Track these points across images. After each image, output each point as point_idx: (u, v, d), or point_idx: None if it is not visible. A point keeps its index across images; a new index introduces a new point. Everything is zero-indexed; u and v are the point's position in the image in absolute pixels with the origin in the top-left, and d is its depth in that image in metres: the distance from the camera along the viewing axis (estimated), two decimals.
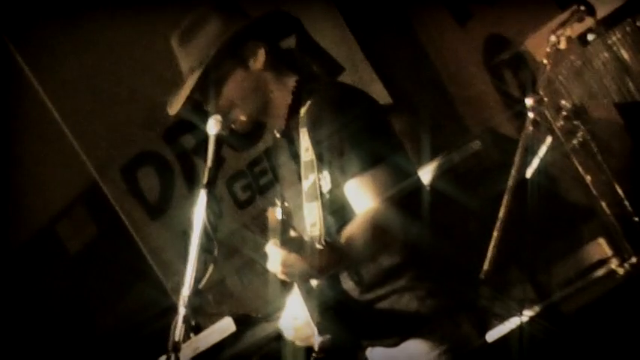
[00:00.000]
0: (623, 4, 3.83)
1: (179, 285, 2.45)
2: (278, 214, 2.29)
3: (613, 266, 3.79)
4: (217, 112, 2.61)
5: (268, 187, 4.94)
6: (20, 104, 5.12)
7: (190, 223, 2.49)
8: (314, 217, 2.38)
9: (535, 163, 3.82)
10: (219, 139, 2.56)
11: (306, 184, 2.47)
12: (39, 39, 4.92)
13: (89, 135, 5.13)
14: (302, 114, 2.59)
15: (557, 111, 3.77)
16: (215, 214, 2.54)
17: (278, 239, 2.31)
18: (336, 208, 2.53)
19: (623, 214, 3.72)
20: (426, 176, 3.86)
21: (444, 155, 3.96)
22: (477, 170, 4.00)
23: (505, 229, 3.54)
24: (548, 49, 3.57)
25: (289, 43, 2.78)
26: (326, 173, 2.53)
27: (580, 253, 3.89)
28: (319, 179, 2.44)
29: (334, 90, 2.67)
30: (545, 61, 3.61)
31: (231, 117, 2.65)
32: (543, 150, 3.85)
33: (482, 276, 3.50)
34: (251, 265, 4.94)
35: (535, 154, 3.85)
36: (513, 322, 3.73)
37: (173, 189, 5.10)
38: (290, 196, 2.68)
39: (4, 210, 5.30)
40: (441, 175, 3.85)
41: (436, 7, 4.74)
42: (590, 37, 3.79)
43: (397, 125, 2.73)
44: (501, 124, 4.56)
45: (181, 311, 2.40)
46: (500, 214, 3.57)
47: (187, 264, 2.44)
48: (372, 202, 2.45)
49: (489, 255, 3.54)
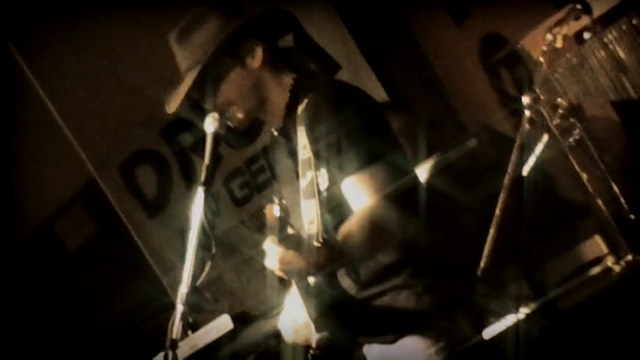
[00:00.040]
0: (619, 3, 3.83)
1: (177, 282, 2.45)
2: (276, 212, 2.30)
3: (609, 264, 3.78)
4: (215, 110, 2.62)
5: (266, 184, 4.93)
6: (19, 103, 5.12)
7: (188, 221, 2.49)
8: (311, 214, 2.38)
9: (531, 161, 3.81)
10: (217, 137, 2.57)
11: (303, 182, 2.46)
12: (38, 38, 4.92)
13: (87, 133, 5.13)
14: (299, 112, 2.60)
15: (554, 109, 3.76)
16: (213, 212, 2.55)
17: (276, 236, 2.31)
18: (334, 205, 2.54)
19: (619, 212, 3.71)
20: (422, 174, 3.86)
21: (440, 153, 3.96)
22: (474, 168, 4.01)
23: (501, 227, 3.55)
24: (545, 48, 3.57)
25: (287, 41, 2.79)
26: (323, 171, 2.53)
27: (576, 250, 3.90)
28: (317, 177, 2.43)
29: (332, 88, 2.68)
30: (541, 59, 3.61)
31: (229, 115, 2.66)
32: (540, 148, 3.85)
33: (479, 273, 3.51)
34: (249, 262, 4.94)
35: (531, 151, 3.86)
36: (510, 320, 3.74)
37: (171, 187, 5.10)
38: (287, 193, 2.68)
39: (3, 208, 5.30)
40: (438, 172, 3.86)
41: (433, 6, 4.74)
42: (586, 35, 3.79)
43: (394, 123, 2.73)
44: (498, 122, 4.56)
45: (179, 308, 2.41)
46: (497, 212, 3.58)
47: (185, 261, 2.44)
48: (369, 200, 2.45)
49: (486, 252, 3.54)
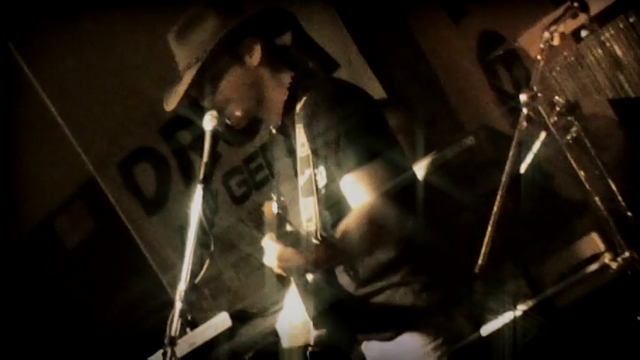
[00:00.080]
0: (616, 1, 3.84)
1: (176, 280, 2.46)
2: (274, 209, 2.31)
3: (606, 261, 3.79)
4: (213, 108, 2.62)
5: (264, 182, 4.93)
6: (19, 102, 5.13)
7: (187, 219, 2.50)
8: (310, 212, 2.38)
9: (529, 159, 3.82)
10: (216, 135, 2.58)
11: (302, 180, 2.46)
12: (38, 38, 4.93)
13: (87, 131, 5.14)
14: (298, 110, 2.60)
15: (551, 107, 3.76)
16: (211, 210, 2.55)
17: (274, 234, 2.32)
18: (332, 203, 2.54)
19: (617, 209, 3.72)
20: (420, 171, 3.87)
21: (438, 151, 3.97)
22: (471, 166, 4.01)
23: (499, 224, 3.55)
24: (542, 46, 3.57)
25: (285, 39, 2.80)
26: (322, 168, 2.53)
27: (573, 247, 3.90)
28: (315, 174, 2.44)
29: (330, 86, 2.69)
30: (538, 57, 3.62)
31: (228, 113, 2.66)
32: (537, 145, 3.85)
33: (477, 270, 3.52)
34: (247, 260, 4.94)
35: (529, 149, 3.86)
36: (507, 317, 3.75)
37: (170, 184, 5.10)
38: (286, 191, 2.69)
39: (3, 206, 5.31)
40: (436, 170, 3.86)
41: (431, 4, 4.74)
42: (583, 33, 3.78)
43: (392, 121, 2.74)
44: (495, 120, 4.56)
45: (178, 306, 2.41)
46: (494, 210, 3.59)
47: (184, 259, 2.45)
48: (367, 197, 2.46)
49: (483, 250, 3.55)
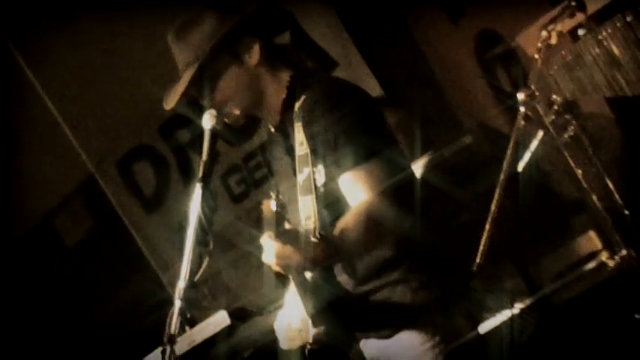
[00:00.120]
0: (613, 0, 3.85)
1: (175, 278, 2.46)
2: (273, 207, 2.32)
3: (603, 259, 3.80)
4: (212, 107, 2.62)
5: (263, 180, 4.93)
6: (18, 100, 5.13)
7: (186, 217, 2.50)
8: (308, 210, 2.38)
9: (526, 157, 3.83)
10: (215, 134, 2.58)
11: (300, 178, 2.46)
12: (37, 37, 4.93)
13: (86, 130, 5.14)
14: (297, 109, 2.61)
15: (549, 105, 3.77)
16: (210, 208, 2.56)
17: (273, 232, 2.32)
18: (331, 201, 2.54)
19: (614, 208, 3.73)
20: (418, 170, 3.89)
21: (436, 149, 3.98)
22: (469, 164, 4.03)
23: (497, 223, 3.57)
24: (540, 45, 3.58)
25: (284, 38, 2.80)
26: (320, 167, 2.53)
27: (571, 246, 3.91)
28: (314, 173, 2.43)
29: (328, 85, 2.69)
30: (536, 56, 3.63)
31: (227, 112, 2.67)
32: (535, 144, 3.86)
33: (474, 269, 3.53)
34: (246, 258, 4.94)
35: (526, 148, 3.87)
36: (505, 315, 3.77)
37: (169, 183, 5.11)
38: (285, 189, 2.69)
39: (2, 204, 5.31)
40: (433, 169, 3.88)
41: (429, 3, 4.74)
42: (580, 32, 3.79)
43: (390, 120, 2.75)
44: (493, 119, 4.57)
45: (177, 304, 2.42)
46: (492, 208, 3.60)
47: (183, 257, 2.45)
48: (365, 196, 2.47)
49: (481, 248, 3.56)
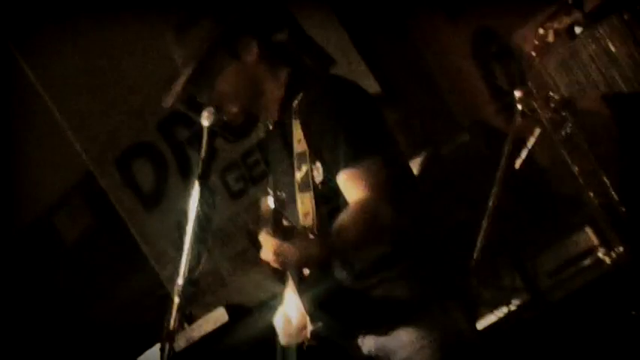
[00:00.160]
0: None
1: (173, 274, 2.47)
2: (271, 204, 2.33)
3: (600, 255, 3.82)
4: (211, 104, 2.63)
5: (261, 177, 4.93)
6: (18, 98, 5.14)
7: (184, 214, 2.51)
8: (307, 207, 2.38)
9: (524, 154, 3.85)
10: (213, 131, 2.58)
11: (298, 175, 2.45)
12: (37, 35, 4.95)
13: (85, 127, 5.16)
14: (295, 106, 2.62)
15: (546, 103, 3.79)
16: (209, 205, 2.57)
17: (271, 229, 2.32)
18: (329, 198, 2.55)
19: (610, 204, 3.74)
20: (416, 167, 3.90)
21: (433, 147, 4.00)
22: (467, 161, 4.04)
23: (494, 219, 3.59)
24: (537, 42, 3.60)
25: (282, 36, 2.81)
26: (319, 164, 2.54)
27: (567, 242, 3.92)
28: (312, 170, 2.43)
29: (327, 82, 2.69)
30: (533, 53, 3.65)
31: (225, 109, 2.67)
32: (532, 141, 3.89)
33: (472, 265, 3.55)
34: (245, 254, 4.95)
35: (524, 145, 3.89)
36: (502, 311, 3.79)
37: (167, 180, 5.12)
38: (283, 186, 2.70)
39: (2, 201, 5.33)
40: (431, 166, 3.89)
41: (427, 1, 4.75)
42: (577, 30, 3.80)
43: (388, 117, 2.75)
44: (490, 116, 4.58)
45: (175, 300, 2.43)
46: (490, 205, 3.62)
47: (181, 254, 2.46)
48: (363, 193, 2.46)
49: (479, 244, 3.58)
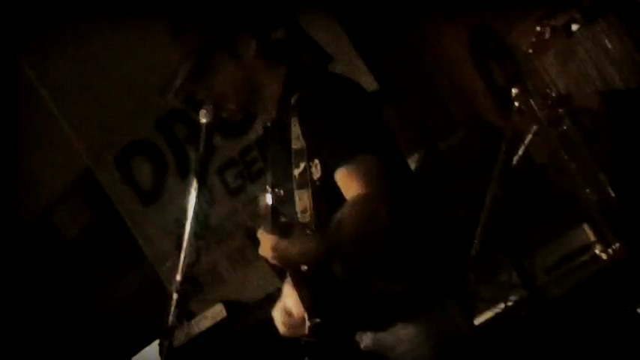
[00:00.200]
0: None
1: (172, 271, 2.48)
2: (269, 201, 2.34)
3: (597, 251, 3.84)
4: (209, 101, 2.64)
5: (259, 174, 4.94)
6: (18, 96, 5.15)
7: (183, 211, 2.51)
8: (304, 204, 2.38)
9: (520, 151, 3.87)
10: (211, 128, 2.60)
11: (296, 172, 2.44)
12: (37, 35, 4.95)
13: (84, 124, 5.17)
14: (293, 103, 2.63)
15: (543, 100, 3.80)
16: (207, 202, 2.58)
17: (269, 225, 2.34)
18: (327, 194, 2.57)
19: (607, 201, 3.76)
20: (413, 164, 3.91)
21: (431, 144, 4.01)
22: (464, 158, 4.05)
23: (491, 216, 3.60)
24: (534, 39, 3.62)
25: (280, 34, 2.81)
26: (317, 161, 2.55)
27: (564, 239, 3.93)
28: (310, 167, 2.43)
29: (324, 79, 2.69)
30: (530, 51, 3.66)
31: (223, 106, 2.68)
32: (529, 138, 3.90)
33: (470, 261, 3.56)
34: (243, 251, 4.96)
35: (520, 142, 3.91)
36: (499, 307, 3.80)
37: (166, 177, 5.12)
38: (281, 183, 2.71)
39: (2, 199, 5.33)
40: (429, 163, 3.90)
41: (425, 0, 4.76)
42: (574, 27, 3.81)
43: (386, 114, 2.76)
44: (487, 113, 4.59)
45: (174, 297, 2.43)
46: (487, 201, 3.63)
47: (180, 250, 2.47)
48: (361, 189, 2.47)
49: (476, 241, 3.60)
